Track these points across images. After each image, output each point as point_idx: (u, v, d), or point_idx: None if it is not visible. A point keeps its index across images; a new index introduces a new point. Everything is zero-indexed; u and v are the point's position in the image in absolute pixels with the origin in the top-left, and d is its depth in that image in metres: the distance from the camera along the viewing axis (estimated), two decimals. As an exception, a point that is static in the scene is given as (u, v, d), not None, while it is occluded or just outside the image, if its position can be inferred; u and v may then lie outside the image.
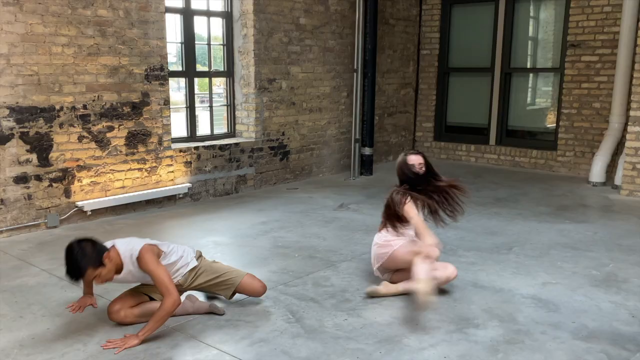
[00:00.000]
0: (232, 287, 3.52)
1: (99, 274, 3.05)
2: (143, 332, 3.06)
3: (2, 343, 3.07)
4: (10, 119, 4.84)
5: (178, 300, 3.10)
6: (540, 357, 2.96)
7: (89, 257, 3.00)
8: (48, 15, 4.93)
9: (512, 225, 5.45)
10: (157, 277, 3.11)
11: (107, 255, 3.08)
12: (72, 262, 2.99)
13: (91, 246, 3.05)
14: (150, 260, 3.12)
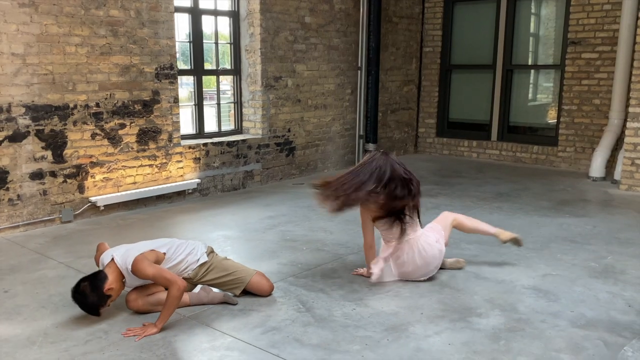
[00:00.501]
0: (242, 285, 3.67)
1: (111, 301, 3.29)
2: (159, 321, 3.22)
3: (27, 331, 3.23)
4: (26, 117, 4.99)
5: (182, 285, 3.26)
6: (540, 344, 3.11)
7: (95, 300, 3.23)
8: (62, 16, 5.08)
9: (514, 219, 5.59)
10: (156, 279, 3.30)
11: (107, 285, 3.24)
12: (87, 309, 3.28)
13: (90, 290, 3.23)
14: (142, 269, 3.27)
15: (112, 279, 3.28)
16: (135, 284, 3.42)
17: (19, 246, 4.71)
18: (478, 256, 4.52)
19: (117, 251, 3.41)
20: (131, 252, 3.36)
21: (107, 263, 3.36)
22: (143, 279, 3.34)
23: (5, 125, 4.87)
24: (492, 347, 3.06)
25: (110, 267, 3.33)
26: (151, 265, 3.31)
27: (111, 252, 3.42)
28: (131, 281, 3.38)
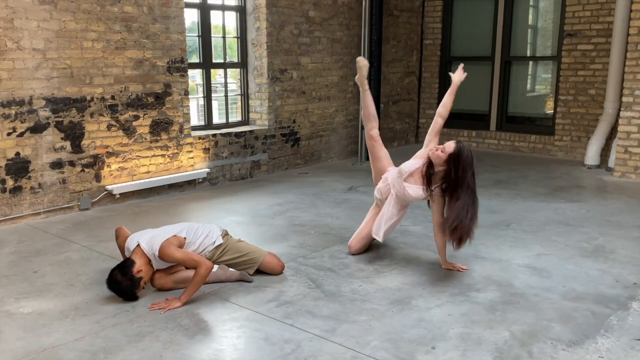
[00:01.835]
0: (255, 265, 3.94)
1: (144, 283, 3.54)
2: (184, 296, 3.49)
3: (59, 306, 3.49)
4: (47, 109, 5.24)
5: (209, 265, 3.53)
6: (533, 314, 3.37)
7: (128, 285, 3.48)
8: (79, 12, 5.32)
9: (511, 204, 5.85)
10: (185, 262, 3.57)
11: (136, 268, 3.51)
12: (124, 294, 3.51)
13: (121, 275, 3.48)
14: (170, 254, 3.53)
15: (139, 263, 3.54)
16: (162, 267, 3.69)
17: (42, 231, 4.97)
18: (477, 238, 4.72)
19: (142, 237, 3.66)
20: (156, 240, 3.61)
21: (134, 249, 3.62)
22: (171, 262, 3.61)
23: (27, 117, 5.12)
24: (488, 317, 3.33)
25: (136, 253, 3.59)
26: (178, 250, 3.57)
27: (136, 238, 3.68)
28: (158, 265, 3.64)
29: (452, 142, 3.90)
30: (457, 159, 3.84)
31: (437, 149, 3.90)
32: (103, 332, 3.17)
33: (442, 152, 3.86)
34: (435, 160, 3.91)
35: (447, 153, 3.85)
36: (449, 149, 3.86)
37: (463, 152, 3.85)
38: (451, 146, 3.87)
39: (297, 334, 3.15)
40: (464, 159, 3.84)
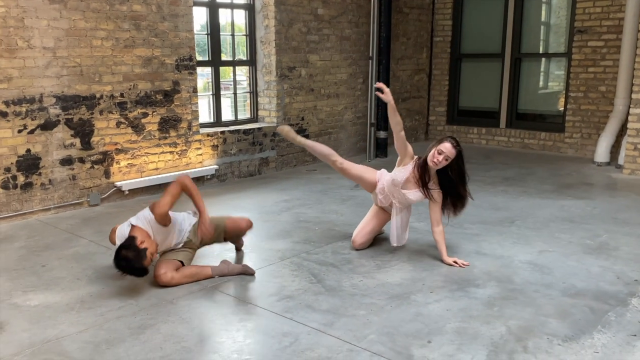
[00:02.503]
0: (222, 230, 4.05)
1: (150, 254, 3.58)
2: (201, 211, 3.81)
3: (65, 299, 3.58)
4: (57, 107, 5.34)
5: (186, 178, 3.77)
6: (531, 310, 3.39)
7: (136, 257, 3.50)
8: (89, 11, 5.41)
9: (517, 201, 5.85)
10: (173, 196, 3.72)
11: (139, 240, 3.57)
12: (134, 270, 3.54)
13: (125, 250, 3.53)
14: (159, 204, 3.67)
15: (140, 236, 3.60)
16: (162, 235, 3.75)
17: (51, 227, 5.07)
18: (480, 235, 4.80)
19: (131, 219, 3.76)
20: (141, 212, 3.76)
21: (129, 231, 3.69)
22: (165, 212, 3.67)
23: (37, 115, 5.22)
24: (486, 312, 3.36)
25: (133, 230, 3.66)
26: (163, 198, 3.69)
27: (125, 223, 3.78)
28: (157, 231, 3.71)
29: (447, 144, 3.97)
30: (461, 156, 4.05)
31: (441, 158, 3.97)
32: (106, 325, 3.24)
33: (446, 160, 3.99)
34: (440, 165, 4.01)
35: (452, 155, 3.98)
36: (450, 152, 3.97)
37: (460, 147, 4.04)
38: (450, 149, 3.96)
39: (295, 327, 3.20)
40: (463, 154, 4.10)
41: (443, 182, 4.12)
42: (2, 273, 3.99)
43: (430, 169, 4.10)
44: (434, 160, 3.99)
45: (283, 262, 4.19)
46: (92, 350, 2.97)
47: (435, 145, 4.01)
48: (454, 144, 3.98)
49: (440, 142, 4.00)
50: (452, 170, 4.05)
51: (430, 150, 4.04)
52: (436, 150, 3.98)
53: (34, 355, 2.93)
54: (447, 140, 3.98)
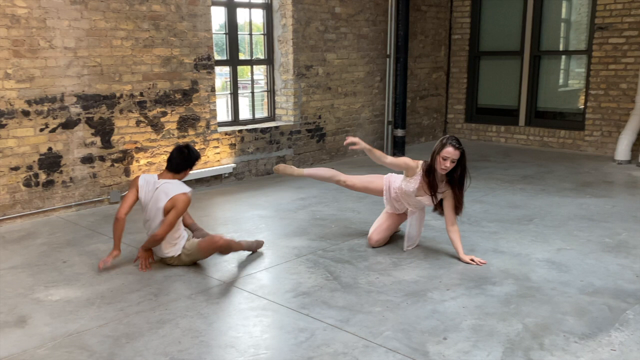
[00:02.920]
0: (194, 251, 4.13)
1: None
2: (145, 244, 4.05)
3: (86, 294, 3.64)
4: (78, 106, 5.43)
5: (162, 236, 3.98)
6: (548, 307, 3.38)
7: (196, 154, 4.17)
8: (109, 11, 5.49)
9: (536, 199, 5.81)
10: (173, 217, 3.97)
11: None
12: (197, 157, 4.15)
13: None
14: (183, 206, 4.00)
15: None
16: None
17: (72, 224, 5.16)
18: (497, 233, 4.79)
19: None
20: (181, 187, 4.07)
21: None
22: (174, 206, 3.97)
23: (58, 114, 5.31)
24: (502, 310, 3.35)
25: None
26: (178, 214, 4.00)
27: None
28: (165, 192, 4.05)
29: (450, 149, 3.97)
30: (464, 156, 4.07)
31: (448, 163, 3.98)
32: (126, 319, 3.30)
33: (452, 162, 3.99)
34: (448, 169, 4.01)
35: (457, 156, 3.98)
36: (455, 155, 3.97)
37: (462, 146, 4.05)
38: (454, 152, 3.96)
39: (311, 323, 3.23)
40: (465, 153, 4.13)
41: (452, 182, 4.13)
42: (25, 269, 4.07)
43: (438, 174, 4.11)
44: (442, 167, 4.01)
45: (299, 259, 4.22)
46: (112, 343, 3.03)
47: (438, 150, 4.01)
48: (455, 145, 3.98)
49: (442, 147, 3.99)
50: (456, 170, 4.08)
51: (435, 156, 4.04)
52: (440, 157, 3.99)
53: (55, 348, 2.99)
54: (449, 144, 3.98)
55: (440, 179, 4.13)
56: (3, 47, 4.89)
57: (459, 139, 4.05)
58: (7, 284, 3.81)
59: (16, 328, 3.20)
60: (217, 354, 2.93)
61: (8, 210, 5.12)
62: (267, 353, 2.93)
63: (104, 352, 2.94)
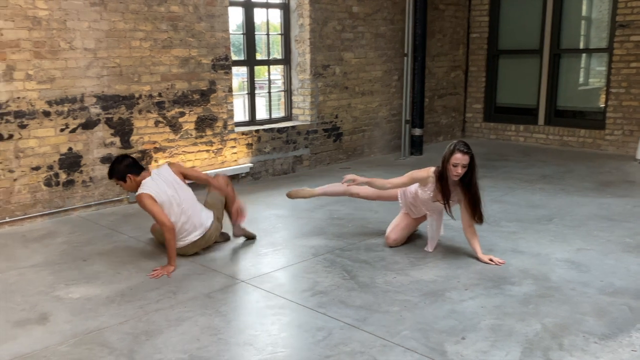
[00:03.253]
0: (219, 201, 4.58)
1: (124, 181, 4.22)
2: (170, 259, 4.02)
3: (106, 292, 3.69)
4: (97, 106, 5.49)
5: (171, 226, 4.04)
6: (567, 308, 3.35)
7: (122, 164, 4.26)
8: (128, 13, 5.54)
9: (555, 199, 5.76)
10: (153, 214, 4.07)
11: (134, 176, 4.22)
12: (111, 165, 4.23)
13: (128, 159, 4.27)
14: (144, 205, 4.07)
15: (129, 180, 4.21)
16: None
17: (92, 223, 5.22)
18: (516, 233, 4.75)
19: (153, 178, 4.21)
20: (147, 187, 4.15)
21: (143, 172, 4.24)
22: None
23: (78, 114, 5.38)
24: (521, 310, 3.33)
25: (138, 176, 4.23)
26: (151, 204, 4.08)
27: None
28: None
29: (458, 155, 3.95)
30: (474, 159, 4.05)
31: (459, 170, 3.97)
32: (146, 317, 3.33)
33: (464, 167, 3.98)
34: (461, 175, 4.00)
35: (467, 161, 3.97)
36: (465, 160, 3.96)
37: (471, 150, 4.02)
38: (463, 157, 3.95)
39: (329, 322, 3.23)
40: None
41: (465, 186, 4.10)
42: (46, 267, 4.13)
43: (451, 181, 4.09)
44: (454, 174, 4.00)
45: (316, 259, 4.23)
46: (131, 341, 3.06)
47: (448, 158, 3.99)
48: (464, 150, 3.96)
49: (451, 154, 3.97)
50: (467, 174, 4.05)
51: (445, 164, 4.02)
52: (451, 164, 3.98)
53: (76, 345, 3.03)
54: (457, 150, 3.96)
55: (454, 184, 4.11)
56: (24, 48, 4.97)
57: (466, 143, 4.03)
58: (28, 282, 3.87)
59: (38, 325, 3.25)
60: (235, 351, 2.95)
61: (29, 209, 5.19)
62: (284, 351, 2.94)
63: (124, 349, 2.97)
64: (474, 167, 4.03)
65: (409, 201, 4.45)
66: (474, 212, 4.09)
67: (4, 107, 4.93)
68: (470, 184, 4.05)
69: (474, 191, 4.07)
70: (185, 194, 4.28)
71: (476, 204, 4.08)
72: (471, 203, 4.09)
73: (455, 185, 4.11)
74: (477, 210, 4.09)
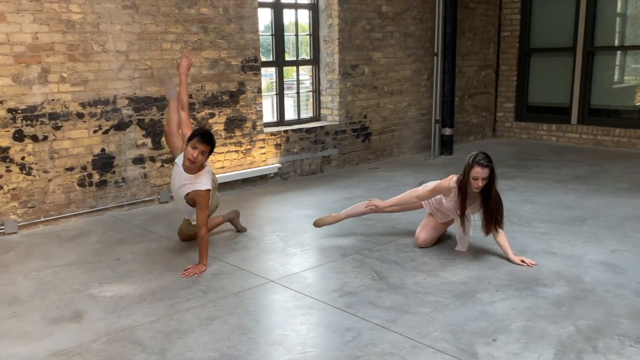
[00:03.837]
0: None
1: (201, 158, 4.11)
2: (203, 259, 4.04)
3: (138, 291, 3.74)
4: (129, 108, 5.58)
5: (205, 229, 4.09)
6: (602, 310, 3.28)
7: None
8: (159, 15, 5.62)
9: (589, 200, 5.65)
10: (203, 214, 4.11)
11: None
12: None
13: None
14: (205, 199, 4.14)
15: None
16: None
17: (124, 222, 5.30)
18: (549, 234, 4.67)
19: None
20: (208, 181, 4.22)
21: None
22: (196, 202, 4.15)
23: (111, 116, 5.47)
24: (554, 312, 3.27)
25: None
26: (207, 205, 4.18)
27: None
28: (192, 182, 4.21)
29: (478, 169, 3.93)
30: (494, 172, 4.03)
31: (480, 183, 3.96)
32: (177, 315, 3.37)
33: (484, 180, 3.96)
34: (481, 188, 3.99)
35: (487, 174, 3.95)
36: (485, 173, 3.94)
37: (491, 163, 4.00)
38: (482, 171, 3.93)
39: (358, 322, 3.23)
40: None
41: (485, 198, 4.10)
42: (80, 266, 4.21)
43: (471, 193, 4.08)
44: (475, 187, 3.99)
45: (345, 259, 4.22)
46: (163, 339, 3.10)
47: (468, 171, 3.97)
48: (483, 163, 3.93)
49: (471, 168, 3.95)
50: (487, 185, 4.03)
51: (466, 177, 4.01)
52: (471, 177, 3.96)
53: (110, 342, 3.08)
54: (476, 164, 3.93)
55: (474, 194, 4.10)
56: (59, 51, 5.07)
57: (487, 154, 4.00)
58: (63, 280, 3.95)
59: (72, 323, 3.32)
60: (264, 350, 2.96)
61: (63, 209, 5.30)
62: (314, 351, 2.94)
63: (156, 347, 3.01)
64: (494, 179, 4.01)
65: (435, 207, 4.46)
66: (489, 223, 4.10)
67: (39, 109, 5.05)
68: (489, 196, 4.04)
69: (493, 202, 4.06)
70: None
71: (493, 215, 4.08)
72: (487, 214, 4.09)
73: (476, 195, 4.10)
74: (493, 222, 4.09)
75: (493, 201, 4.05)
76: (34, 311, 3.47)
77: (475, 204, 4.16)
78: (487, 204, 4.07)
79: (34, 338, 3.15)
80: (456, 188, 4.11)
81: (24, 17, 4.87)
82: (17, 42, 4.86)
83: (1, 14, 4.76)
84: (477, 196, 4.10)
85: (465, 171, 4.02)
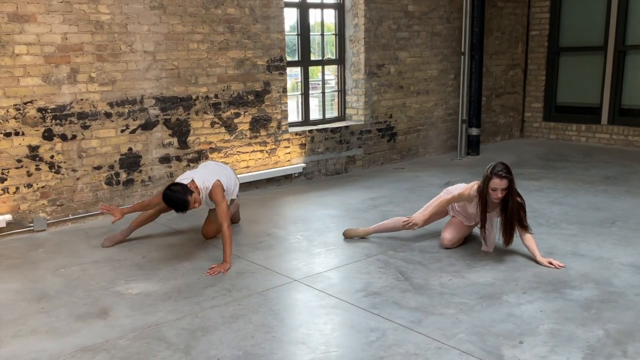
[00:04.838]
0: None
1: (194, 199, 4.16)
2: (227, 257, 4.06)
3: (164, 288, 3.77)
4: (156, 108, 5.63)
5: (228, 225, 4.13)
6: (632, 314, 3.20)
7: (184, 191, 4.11)
8: (186, 16, 5.66)
9: (619, 201, 5.53)
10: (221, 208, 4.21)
11: (190, 185, 4.22)
12: (176, 200, 4.09)
13: (177, 186, 4.17)
14: (218, 194, 4.28)
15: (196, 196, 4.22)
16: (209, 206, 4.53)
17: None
18: (577, 235, 4.59)
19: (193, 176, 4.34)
20: (209, 177, 4.35)
21: (187, 183, 4.23)
22: (213, 201, 4.32)
23: (138, 115, 5.53)
24: (582, 315, 3.21)
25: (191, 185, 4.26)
26: (223, 195, 4.31)
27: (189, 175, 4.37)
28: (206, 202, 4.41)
29: (496, 180, 3.91)
30: (513, 183, 4.01)
31: (499, 194, 3.94)
32: (202, 313, 3.39)
33: (504, 190, 3.94)
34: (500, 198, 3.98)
35: (505, 185, 3.93)
36: (503, 184, 3.91)
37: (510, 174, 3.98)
38: (500, 182, 3.91)
39: (382, 323, 3.21)
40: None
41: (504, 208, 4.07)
42: (107, 263, 4.26)
43: (491, 202, 4.07)
44: (494, 198, 3.98)
45: (369, 259, 4.20)
46: (188, 336, 3.12)
47: (487, 183, 3.95)
48: (502, 174, 3.90)
49: (489, 180, 3.93)
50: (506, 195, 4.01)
51: (485, 188, 3.99)
52: (490, 189, 3.94)
53: (136, 339, 3.11)
54: (495, 175, 3.91)
55: (495, 204, 4.08)
56: (87, 52, 5.15)
57: (506, 165, 3.97)
58: (90, 277, 4.00)
59: (99, 319, 3.36)
60: (288, 349, 2.96)
61: (91, 207, 5.38)
62: (338, 351, 2.93)
63: (181, 344, 3.03)
64: (512, 189, 3.98)
65: (457, 210, 4.46)
66: (507, 233, 4.09)
67: (68, 108, 5.13)
68: (507, 207, 4.01)
69: (510, 213, 4.02)
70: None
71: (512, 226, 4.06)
72: (506, 225, 4.08)
73: (496, 204, 4.08)
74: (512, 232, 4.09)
75: (510, 212, 4.02)
76: (61, 307, 3.53)
77: (497, 211, 4.14)
78: (505, 215, 4.05)
79: (61, 334, 3.19)
80: (477, 197, 4.08)
81: (54, 18, 4.95)
82: (47, 42, 4.95)
83: (32, 15, 4.85)
84: (498, 204, 4.08)
85: (484, 182, 4.00)
